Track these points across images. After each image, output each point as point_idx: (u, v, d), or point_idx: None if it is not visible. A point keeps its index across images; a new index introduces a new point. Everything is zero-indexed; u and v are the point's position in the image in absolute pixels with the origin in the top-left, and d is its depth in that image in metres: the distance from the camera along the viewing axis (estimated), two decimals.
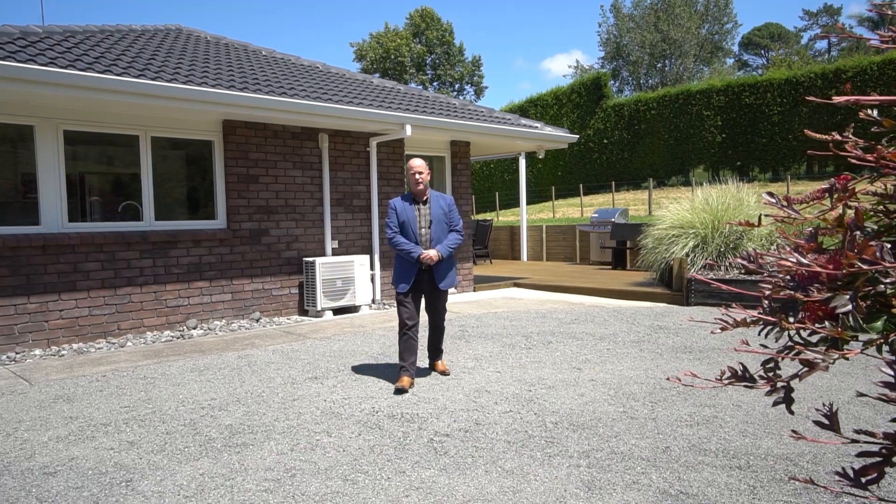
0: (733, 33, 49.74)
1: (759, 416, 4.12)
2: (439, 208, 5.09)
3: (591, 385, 4.95)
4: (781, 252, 1.14)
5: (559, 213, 23.71)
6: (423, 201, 5.10)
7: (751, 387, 1.05)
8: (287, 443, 3.79)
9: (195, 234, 7.83)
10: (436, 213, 5.06)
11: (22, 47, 6.46)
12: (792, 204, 1.09)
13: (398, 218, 5.03)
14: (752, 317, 1.04)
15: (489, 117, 11.02)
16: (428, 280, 5.07)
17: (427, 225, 5.04)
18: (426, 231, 5.04)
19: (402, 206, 5.04)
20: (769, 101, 23.24)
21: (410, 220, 4.99)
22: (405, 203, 5.06)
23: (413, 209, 5.04)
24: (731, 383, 1.04)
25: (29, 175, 6.89)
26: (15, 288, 6.57)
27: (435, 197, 5.14)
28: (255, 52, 11.05)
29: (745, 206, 9.62)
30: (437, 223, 5.05)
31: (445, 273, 5.11)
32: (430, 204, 5.10)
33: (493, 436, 3.87)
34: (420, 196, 5.10)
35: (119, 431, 4.02)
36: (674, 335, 6.81)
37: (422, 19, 50.51)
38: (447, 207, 5.14)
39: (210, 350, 6.54)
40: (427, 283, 5.07)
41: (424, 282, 5.07)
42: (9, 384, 5.27)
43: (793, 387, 1.06)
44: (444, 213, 5.08)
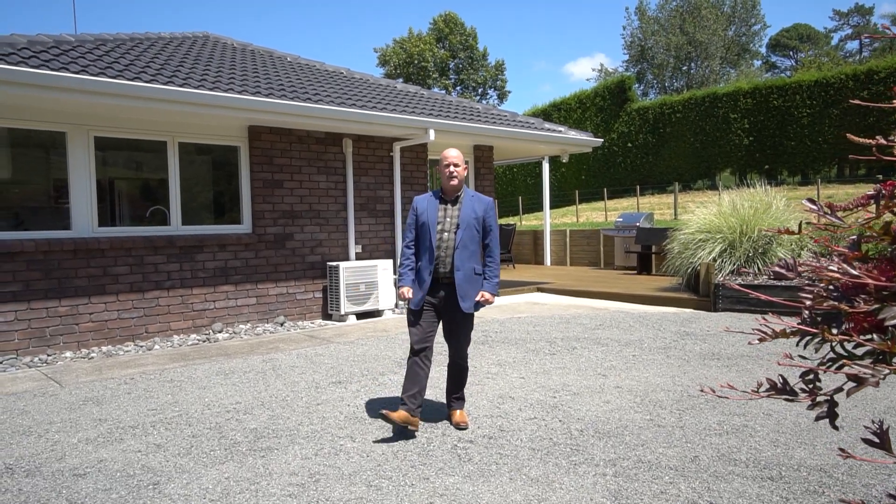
0: (761, 35, 49.04)
1: (790, 426, 4.02)
2: (471, 211, 4.08)
3: (616, 392, 4.88)
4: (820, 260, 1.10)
5: (583, 217, 23.54)
6: (452, 200, 4.14)
7: (791, 400, 1.01)
8: (311, 447, 3.80)
9: (221, 238, 7.92)
10: (466, 215, 4.06)
11: (55, 55, 6.60)
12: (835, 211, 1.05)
13: (418, 219, 4.14)
14: (792, 328, 1.00)
15: (512, 121, 10.99)
16: (447, 297, 4.06)
17: (452, 228, 4.06)
18: (449, 236, 4.05)
19: (426, 205, 4.14)
20: (798, 104, 22.83)
21: (432, 222, 4.06)
22: (432, 201, 4.15)
23: (439, 209, 4.12)
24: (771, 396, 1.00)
25: (60, 180, 7.03)
26: (47, 291, 6.70)
27: (469, 197, 4.14)
28: (280, 58, 11.17)
29: (774, 210, 9.44)
30: (466, 228, 4.04)
31: (470, 289, 4.05)
32: (462, 205, 4.11)
33: (518, 443, 3.83)
34: (451, 193, 4.15)
35: (146, 434, 4.07)
36: (701, 342, 6.69)
37: (445, 24, 50.65)
38: (482, 211, 4.12)
39: (235, 354, 6.60)
40: (446, 300, 4.07)
41: (442, 298, 4.07)
42: (40, 386, 5.37)
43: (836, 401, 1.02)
44: (476, 217, 4.08)
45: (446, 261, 4.02)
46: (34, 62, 6.13)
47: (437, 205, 4.13)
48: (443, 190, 4.18)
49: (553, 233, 16.48)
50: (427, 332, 4.06)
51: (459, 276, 4.00)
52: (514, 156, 13.78)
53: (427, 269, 4.04)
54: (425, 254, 4.07)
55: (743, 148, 24.42)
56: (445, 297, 4.06)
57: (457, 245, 4.02)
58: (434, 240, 4.04)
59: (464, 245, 4.03)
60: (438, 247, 4.04)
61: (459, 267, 4.00)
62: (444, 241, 4.05)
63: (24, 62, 6.04)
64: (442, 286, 4.06)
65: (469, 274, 4.03)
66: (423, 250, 4.09)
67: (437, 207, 4.12)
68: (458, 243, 4.03)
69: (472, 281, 4.05)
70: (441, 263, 4.03)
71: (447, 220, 4.09)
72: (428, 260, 4.04)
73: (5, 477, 3.43)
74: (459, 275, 4.00)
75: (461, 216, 4.07)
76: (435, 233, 4.05)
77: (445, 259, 4.02)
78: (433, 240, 4.04)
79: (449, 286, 4.05)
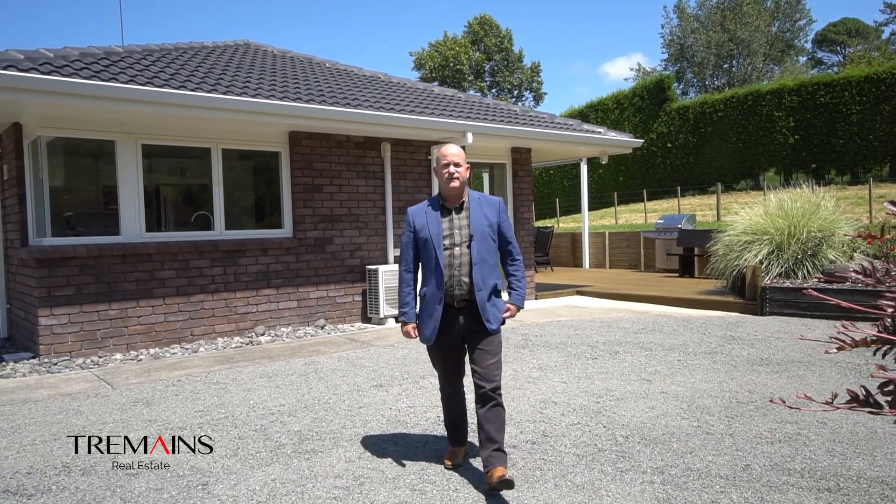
0: (806, 30, 47.59)
1: (847, 435, 3.87)
2: (483, 218, 3.41)
3: (661, 398, 4.78)
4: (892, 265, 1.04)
5: (621, 219, 23.20)
6: (456, 207, 3.44)
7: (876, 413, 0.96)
8: (355, 450, 3.81)
9: (263, 242, 8.05)
10: (478, 223, 3.39)
11: (105, 67, 6.81)
12: None
13: (416, 235, 3.43)
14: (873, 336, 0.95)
15: (550, 123, 10.90)
16: (467, 321, 3.40)
17: (464, 241, 3.37)
18: (461, 251, 3.36)
19: (425, 217, 3.42)
20: (847, 100, 22.08)
21: (435, 236, 3.36)
22: (431, 212, 3.43)
23: (442, 220, 3.41)
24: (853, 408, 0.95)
25: (109, 187, 7.25)
26: (98, 295, 6.91)
27: (475, 201, 3.46)
28: (318, 64, 11.31)
29: (823, 211, 9.14)
30: (482, 239, 3.38)
31: (495, 309, 3.40)
32: (470, 211, 3.42)
33: (562, 448, 3.78)
34: (453, 199, 3.44)
35: (195, 435, 4.15)
36: (749, 346, 6.51)
37: (480, 26, 50.62)
38: (495, 216, 3.45)
39: (278, 356, 6.69)
40: (466, 324, 3.40)
41: (461, 324, 3.40)
42: (93, 387, 5.54)
43: None
44: (489, 224, 3.41)
45: (462, 280, 3.34)
46: (86, 73, 6.34)
47: (437, 215, 3.41)
48: (443, 196, 3.48)
49: (592, 235, 16.28)
50: (456, 367, 3.53)
51: (482, 297, 3.34)
52: (552, 158, 13.66)
53: (436, 296, 3.34)
54: (431, 277, 3.36)
55: (788, 147, 23.72)
56: (465, 322, 3.38)
57: (474, 261, 3.34)
58: (442, 258, 3.33)
59: (482, 260, 3.36)
60: (450, 265, 3.35)
61: (481, 286, 3.34)
62: (455, 257, 3.35)
63: (76, 74, 6.25)
64: (459, 311, 3.38)
65: (492, 292, 3.40)
66: (429, 273, 3.39)
67: (440, 218, 3.40)
68: (475, 258, 3.34)
69: (496, 299, 3.44)
70: (456, 285, 3.34)
71: (455, 233, 3.37)
72: (436, 284, 3.34)
73: (63, 475, 3.53)
74: (482, 295, 3.34)
75: (472, 225, 3.38)
76: (442, 249, 3.35)
77: (461, 278, 3.34)
78: (440, 258, 3.33)
79: (468, 309, 3.38)
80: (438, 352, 3.49)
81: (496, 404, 3.31)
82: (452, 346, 3.46)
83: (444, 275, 3.33)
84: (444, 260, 3.34)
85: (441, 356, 3.50)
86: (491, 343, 3.38)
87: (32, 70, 5.98)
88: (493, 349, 3.37)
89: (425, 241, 3.38)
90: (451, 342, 3.44)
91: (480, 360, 3.36)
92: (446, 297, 3.35)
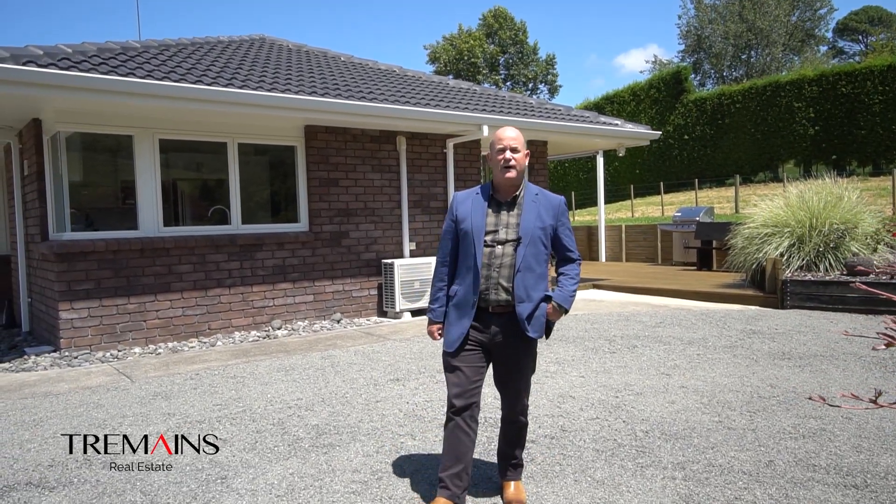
0: (827, 19, 46.77)
1: (873, 430, 3.80)
2: (536, 219, 2.90)
3: (681, 392, 4.72)
4: None
5: (637, 212, 23.01)
6: (508, 201, 2.95)
7: None
8: (372, 445, 3.81)
9: (279, 236, 8.07)
10: (529, 224, 2.88)
11: (123, 62, 6.84)
12: None
13: (458, 225, 2.96)
14: None
15: (567, 115, 10.80)
16: (503, 332, 2.92)
17: (510, 240, 2.88)
18: (504, 251, 2.88)
19: (470, 206, 2.95)
20: (869, 90, 21.71)
21: (477, 229, 2.89)
22: (478, 201, 2.96)
23: (488, 213, 2.93)
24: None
25: (127, 182, 7.29)
26: (117, 289, 6.96)
27: (532, 198, 2.95)
28: (333, 58, 11.30)
29: (846, 203, 8.98)
30: (531, 243, 2.88)
31: (536, 322, 2.92)
32: (523, 208, 2.92)
33: (581, 443, 3.74)
34: (507, 190, 2.95)
35: (213, 429, 4.16)
36: (769, 340, 6.42)
37: (495, 19, 50.36)
38: (553, 218, 2.94)
39: (294, 350, 6.71)
40: (500, 336, 2.92)
41: (495, 334, 2.92)
42: (113, 381, 5.59)
43: None
44: (542, 227, 2.91)
45: (499, 286, 2.88)
46: (104, 69, 6.37)
47: (484, 207, 2.94)
48: (495, 186, 2.98)
49: (608, 228, 16.15)
50: (473, 383, 2.91)
51: (525, 309, 2.87)
52: (568, 151, 13.55)
53: (470, 297, 2.89)
54: (468, 275, 2.91)
55: (808, 138, 23.37)
56: (500, 331, 2.91)
57: (518, 267, 2.87)
58: (480, 257, 2.87)
59: (528, 267, 2.88)
60: (488, 265, 2.88)
61: (523, 297, 2.87)
62: (496, 256, 2.89)
63: (94, 69, 6.28)
64: (494, 319, 2.91)
65: (537, 305, 2.91)
66: (465, 270, 2.93)
67: (486, 211, 2.93)
68: (519, 264, 2.87)
69: (541, 313, 2.94)
70: (493, 289, 2.88)
71: (501, 230, 2.90)
72: (472, 284, 2.89)
73: (84, 468, 3.56)
74: (524, 308, 2.87)
75: (522, 225, 2.88)
76: (481, 247, 2.88)
77: (499, 282, 2.88)
78: (478, 256, 2.87)
79: (505, 319, 2.91)
80: (459, 361, 2.92)
81: (520, 425, 3.05)
82: (476, 360, 2.93)
83: (481, 275, 2.87)
84: (481, 259, 2.87)
85: (460, 369, 2.92)
86: (526, 356, 2.96)
87: (51, 66, 6.01)
88: (526, 365, 2.97)
89: (465, 233, 2.92)
90: (478, 354, 2.94)
91: (510, 378, 2.96)
92: (480, 301, 2.90)
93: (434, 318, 3.06)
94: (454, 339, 2.92)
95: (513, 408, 3.02)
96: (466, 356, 2.92)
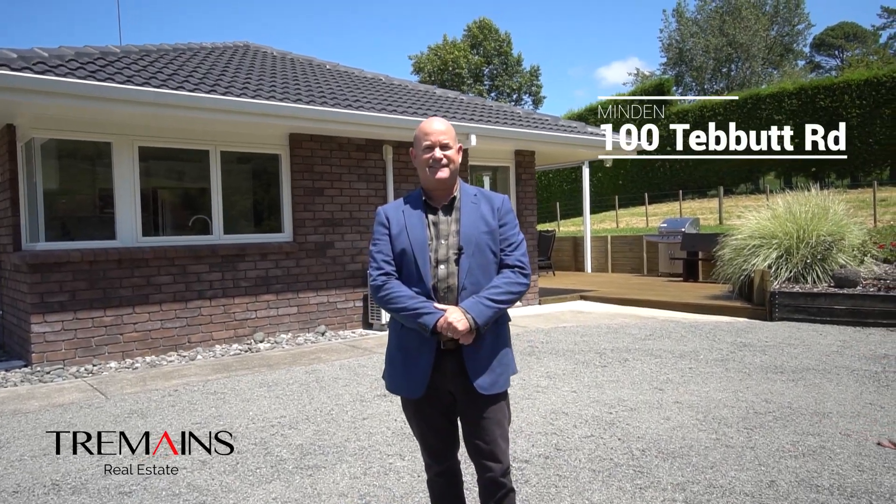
0: (805, 34, 47.63)
1: (872, 448, 3.71)
2: (478, 219, 2.35)
3: (676, 408, 4.61)
4: None
5: (622, 222, 23.07)
6: (444, 206, 2.40)
7: None
8: (360, 466, 3.64)
9: (262, 247, 7.88)
10: (470, 227, 2.33)
11: (101, 67, 6.65)
12: None
13: (392, 242, 2.35)
14: None
15: (555, 125, 10.76)
16: (456, 374, 2.29)
17: (451, 252, 2.31)
18: (448, 268, 2.30)
19: (403, 219, 2.37)
20: (847, 104, 22.03)
21: (418, 243, 2.31)
22: (408, 210, 2.40)
23: (425, 222, 2.36)
24: None
25: (105, 190, 7.07)
26: (92, 301, 6.72)
27: (471, 199, 2.41)
28: (319, 66, 11.16)
29: (833, 215, 9.00)
30: (476, 251, 2.31)
31: (489, 355, 2.30)
32: (461, 210, 2.38)
33: (576, 463, 3.61)
34: (440, 193, 2.41)
35: (192, 450, 3.97)
36: (761, 353, 6.35)
37: (480, 30, 50.54)
38: (496, 216, 2.37)
39: (278, 364, 6.51)
40: (455, 379, 2.30)
41: (449, 379, 2.29)
42: (86, 397, 5.35)
43: None
44: (488, 230, 2.34)
45: None
46: (81, 73, 6.18)
47: (420, 216, 2.37)
48: (426, 190, 2.44)
49: (593, 239, 16.12)
50: (443, 435, 2.39)
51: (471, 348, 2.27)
52: (555, 161, 13.52)
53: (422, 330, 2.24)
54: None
55: (788, 151, 23.64)
56: (456, 373, 2.29)
57: (462, 280, 2.28)
58: (428, 278, 2.28)
59: (475, 282, 2.29)
60: (436, 288, 2.29)
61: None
62: (441, 274, 2.30)
63: (71, 73, 6.08)
64: (446, 356, 2.28)
65: (494, 333, 2.32)
66: None
67: (423, 220, 2.36)
68: (464, 281, 2.28)
69: (495, 340, 2.32)
70: None
71: (441, 243, 2.33)
72: None
73: (51, 494, 3.35)
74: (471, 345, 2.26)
75: (463, 229, 2.33)
76: (428, 265, 2.29)
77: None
78: (426, 276, 2.28)
79: (457, 356, 2.28)
80: (418, 414, 2.35)
81: (508, 491, 2.33)
82: (438, 414, 2.35)
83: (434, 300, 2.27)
84: (430, 281, 2.27)
85: (423, 420, 2.36)
86: (489, 415, 2.29)
87: (26, 69, 5.81)
88: (497, 415, 2.31)
89: (403, 251, 2.31)
90: (439, 400, 2.33)
91: (481, 431, 2.29)
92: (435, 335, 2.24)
93: (429, 309, 2.22)
94: (415, 385, 2.29)
95: (495, 464, 2.31)
96: (429, 410, 2.35)
